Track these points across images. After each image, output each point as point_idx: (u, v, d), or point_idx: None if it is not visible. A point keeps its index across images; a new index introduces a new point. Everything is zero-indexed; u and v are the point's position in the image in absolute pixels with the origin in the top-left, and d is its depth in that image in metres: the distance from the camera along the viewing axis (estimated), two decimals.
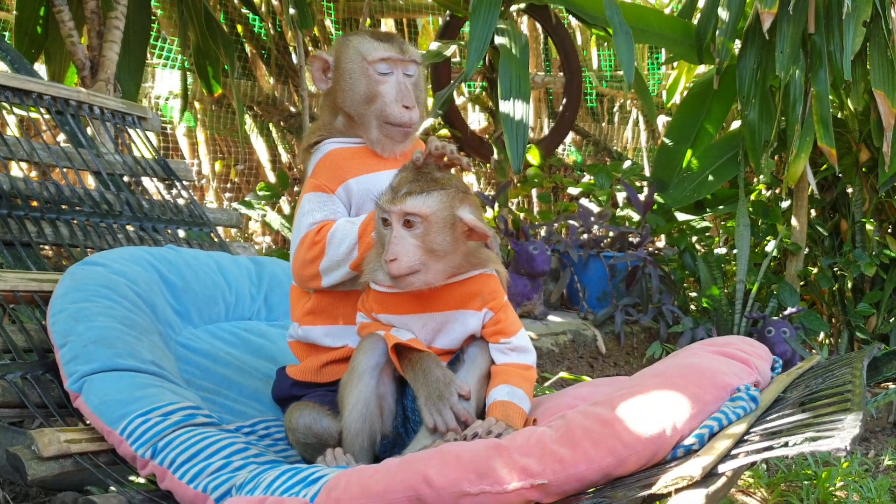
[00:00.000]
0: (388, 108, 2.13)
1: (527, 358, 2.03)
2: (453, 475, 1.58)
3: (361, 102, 2.14)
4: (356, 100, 2.15)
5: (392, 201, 1.89)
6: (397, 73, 2.15)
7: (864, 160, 4.74)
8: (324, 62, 2.19)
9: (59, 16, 3.92)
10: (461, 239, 1.93)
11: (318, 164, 2.18)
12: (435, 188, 1.91)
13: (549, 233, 4.73)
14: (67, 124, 3.06)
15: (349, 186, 2.13)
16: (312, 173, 2.19)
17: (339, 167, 2.15)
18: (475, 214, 1.95)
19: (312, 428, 1.97)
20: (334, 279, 2.07)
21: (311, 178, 2.18)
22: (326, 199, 2.12)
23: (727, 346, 2.02)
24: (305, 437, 1.98)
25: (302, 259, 2.08)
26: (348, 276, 2.06)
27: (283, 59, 6.04)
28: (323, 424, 1.97)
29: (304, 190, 2.18)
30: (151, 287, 2.44)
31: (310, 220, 2.09)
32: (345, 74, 2.15)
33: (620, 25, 4.17)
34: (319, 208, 2.11)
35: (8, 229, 2.58)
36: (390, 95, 2.13)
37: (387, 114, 2.13)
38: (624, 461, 1.60)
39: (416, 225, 1.89)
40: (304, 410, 2.00)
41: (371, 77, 2.14)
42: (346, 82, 2.15)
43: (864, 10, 4.05)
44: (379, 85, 2.14)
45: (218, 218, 3.28)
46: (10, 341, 2.23)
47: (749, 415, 1.72)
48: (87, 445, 1.99)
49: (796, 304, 4.50)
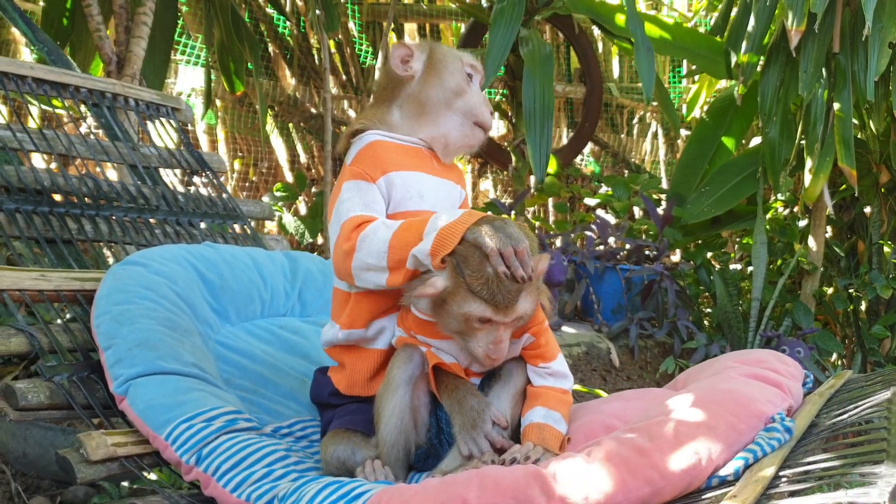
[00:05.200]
0: (478, 108, 2.18)
1: (564, 383, 2.03)
2: (492, 499, 1.59)
3: (451, 95, 2.17)
4: (446, 90, 2.17)
5: (504, 312, 1.82)
6: (476, 82, 2.23)
7: (884, 182, 4.72)
8: (408, 50, 2.21)
9: (88, 10, 3.94)
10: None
11: (360, 153, 2.15)
12: (531, 286, 1.85)
13: (566, 243, 4.73)
14: (103, 116, 3.06)
15: (391, 179, 2.10)
16: (353, 161, 2.15)
17: (382, 158, 2.12)
18: (543, 289, 1.94)
19: (346, 464, 1.98)
20: (364, 284, 2.00)
21: (351, 165, 2.14)
22: (366, 188, 2.08)
23: (760, 366, 2.01)
24: (339, 470, 1.99)
25: (340, 250, 2.02)
26: (380, 287, 1.99)
27: (306, 59, 6.05)
28: (357, 459, 1.98)
29: (343, 177, 2.15)
30: (191, 286, 2.45)
31: (348, 208, 2.04)
32: (438, 65, 2.18)
33: (643, 40, 4.17)
34: (359, 197, 2.06)
35: (50, 227, 2.59)
36: (479, 97, 2.20)
37: (476, 112, 2.17)
38: (660, 491, 1.61)
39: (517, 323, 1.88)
40: (340, 445, 2.01)
41: (464, 76, 2.19)
42: (437, 73, 2.17)
43: (890, 31, 4.03)
44: (468, 85, 2.19)
45: (251, 210, 3.28)
46: (56, 342, 2.24)
47: (784, 446, 1.72)
48: (132, 448, 2.01)
49: (811, 324, 4.49)
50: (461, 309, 1.82)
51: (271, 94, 5.80)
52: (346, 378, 2.15)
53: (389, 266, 1.94)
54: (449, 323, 1.86)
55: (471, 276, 1.80)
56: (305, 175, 5.71)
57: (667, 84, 6.96)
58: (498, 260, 1.80)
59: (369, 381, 2.13)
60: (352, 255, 1.98)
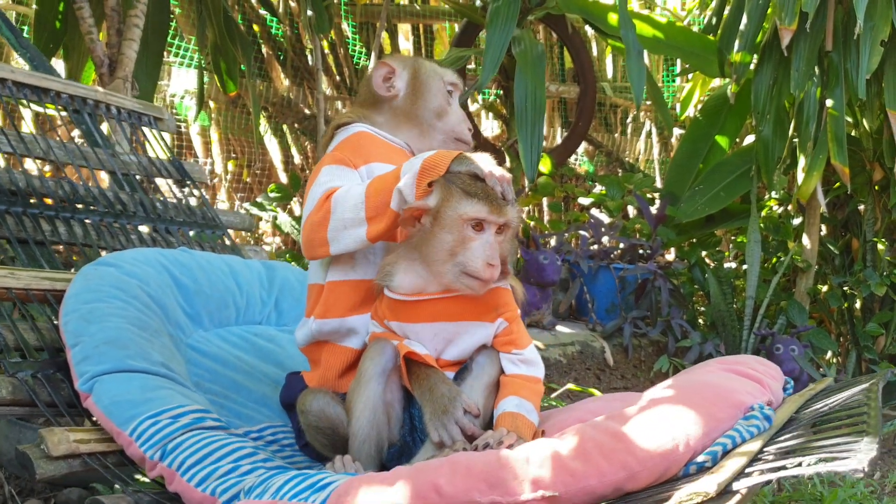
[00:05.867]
0: (458, 126, 2.29)
1: (536, 371, 2.03)
2: (463, 485, 1.58)
3: (433, 116, 2.27)
4: (428, 111, 2.27)
5: (498, 211, 1.90)
6: (456, 98, 2.33)
7: (877, 179, 4.72)
8: (390, 69, 2.28)
9: (80, 12, 3.93)
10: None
11: (346, 140, 2.20)
12: (514, 200, 1.96)
13: (560, 242, 4.73)
14: (84, 123, 3.06)
15: (373, 169, 2.12)
16: (337, 147, 2.19)
17: (366, 148, 2.16)
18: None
19: (325, 411, 1.99)
20: (343, 245, 2.00)
21: (334, 151, 2.17)
22: (347, 173, 2.10)
23: (740, 365, 2.01)
24: (318, 420, 1.99)
25: (311, 223, 2.03)
26: (359, 243, 1.99)
27: (299, 60, 6.05)
28: (335, 410, 1.99)
29: (322, 162, 2.15)
30: (163, 289, 2.44)
31: (324, 189, 2.05)
32: (421, 88, 2.27)
33: (634, 45, 4.18)
34: (338, 180, 2.07)
35: (23, 227, 2.59)
36: (459, 116, 2.31)
37: (457, 131, 2.29)
38: (636, 476, 1.60)
39: (505, 233, 1.94)
40: (318, 395, 2.03)
41: (445, 96, 2.29)
42: (420, 94, 2.27)
43: (882, 30, 4.04)
44: (450, 105, 2.30)
45: (230, 221, 3.29)
46: (22, 339, 2.24)
47: (763, 433, 1.72)
48: (95, 446, 2.01)
49: (805, 322, 4.49)
50: (456, 212, 1.88)
51: (265, 95, 5.80)
52: (318, 375, 2.16)
53: (368, 216, 1.96)
54: (443, 240, 1.90)
55: (464, 184, 1.90)
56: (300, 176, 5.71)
57: (660, 83, 6.97)
58: (494, 180, 1.91)
59: (339, 378, 2.13)
60: (327, 220, 2.00)
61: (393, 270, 1.99)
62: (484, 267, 1.89)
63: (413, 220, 1.92)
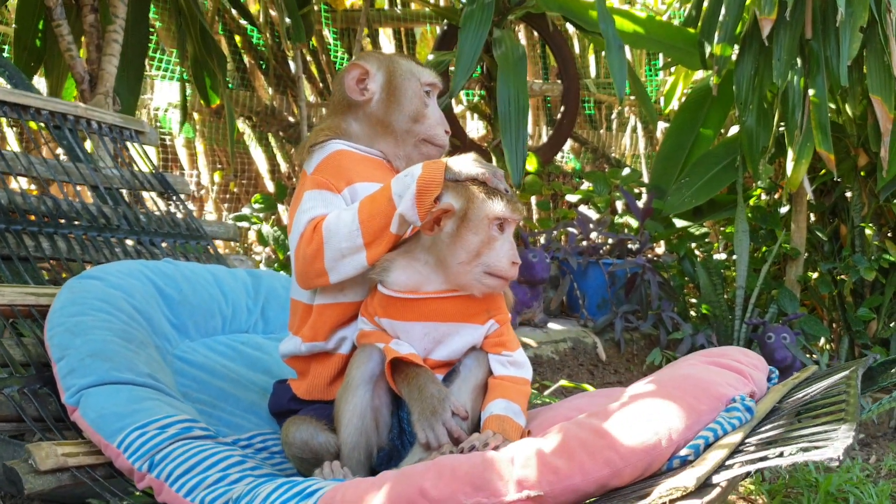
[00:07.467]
0: (433, 130, 2.21)
1: (524, 373, 2.04)
2: (449, 488, 1.58)
3: (408, 120, 2.19)
4: (403, 117, 2.18)
5: (515, 210, 1.96)
6: (434, 98, 2.25)
7: (862, 165, 4.73)
8: (363, 70, 2.19)
9: (58, 29, 3.92)
10: None
11: (324, 162, 2.13)
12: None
13: (549, 240, 4.74)
14: (65, 139, 3.06)
15: (355, 190, 2.08)
16: (315, 170, 2.12)
17: (347, 168, 2.11)
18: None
19: (309, 444, 1.96)
20: (343, 273, 1.99)
21: (313, 174, 2.11)
22: (330, 198, 2.06)
23: (723, 357, 2.02)
24: (301, 452, 1.97)
25: (303, 256, 2.01)
26: (360, 269, 1.98)
27: (282, 69, 6.05)
28: (319, 440, 1.96)
29: (303, 186, 2.11)
30: (148, 300, 2.44)
31: (309, 217, 2.02)
32: (397, 91, 2.18)
33: (613, 38, 4.18)
34: (322, 206, 2.04)
35: (6, 244, 2.58)
36: (436, 118, 2.22)
37: (433, 135, 2.21)
38: (619, 472, 1.60)
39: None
40: (301, 426, 1.99)
41: (422, 98, 2.21)
42: (396, 98, 2.18)
43: (860, 16, 4.04)
44: (426, 107, 2.21)
45: (215, 231, 3.28)
46: (8, 355, 2.24)
47: (745, 425, 1.72)
48: (84, 459, 2.00)
49: (796, 310, 4.50)
50: (484, 212, 1.92)
51: (248, 104, 5.80)
52: (307, 383, 2.14)
53: (366, 241, 1.95)
54: (468, 241, 1.92)
55: (479, 188, 1.95)
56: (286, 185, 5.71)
57: (643, 77, 6.97)
58: (495, 180, 1.96)
59: (329, 386, 2.12)
60: (321, 252, 1.98)
61: (390, 266, 1.98)
62: (509, 266, 1.94)
63: (433, 224, 1.92)
